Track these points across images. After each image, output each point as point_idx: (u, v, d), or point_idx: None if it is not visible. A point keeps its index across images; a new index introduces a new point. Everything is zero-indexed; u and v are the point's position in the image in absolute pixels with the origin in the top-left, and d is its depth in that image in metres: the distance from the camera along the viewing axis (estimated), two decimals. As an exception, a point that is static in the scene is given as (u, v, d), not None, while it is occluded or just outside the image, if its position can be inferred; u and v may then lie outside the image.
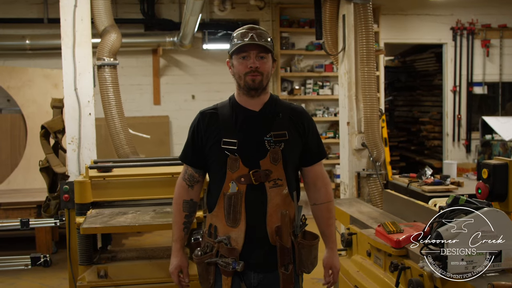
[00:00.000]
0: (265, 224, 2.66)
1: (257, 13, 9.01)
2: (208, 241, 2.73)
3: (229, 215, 2.66)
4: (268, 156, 2.64)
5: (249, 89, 2.67)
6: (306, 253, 2.75)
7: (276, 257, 2.67)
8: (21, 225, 4.86)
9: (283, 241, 2.66)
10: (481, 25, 9.66)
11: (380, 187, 5.25)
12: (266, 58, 2.67)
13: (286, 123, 2.73)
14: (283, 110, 2.76)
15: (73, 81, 5.03)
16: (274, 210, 2.65)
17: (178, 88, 9.06)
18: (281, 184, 2.66)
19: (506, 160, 3.05)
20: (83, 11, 5.06)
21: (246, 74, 2.64)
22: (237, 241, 2.65)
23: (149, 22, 8.81)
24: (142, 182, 4.33)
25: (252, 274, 2.69)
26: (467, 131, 9.79)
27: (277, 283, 2.69)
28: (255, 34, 2.64)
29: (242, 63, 2.65)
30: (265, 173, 2.63)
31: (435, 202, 3.93)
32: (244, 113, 2.72)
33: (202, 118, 2.75)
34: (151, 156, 6.12)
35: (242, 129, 2.69)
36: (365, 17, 5.27)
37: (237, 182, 2.63)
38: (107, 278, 4.04)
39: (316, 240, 2.80)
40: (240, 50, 2.65)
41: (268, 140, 2.66)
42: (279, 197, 2.66)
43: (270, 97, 2.79)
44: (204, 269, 2.72)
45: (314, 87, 9.12)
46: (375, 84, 5.39)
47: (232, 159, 2.63)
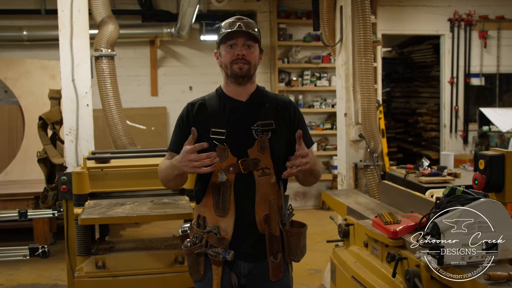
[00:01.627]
0: (253, 213, 2.68)
1: (254, 4, 9.01)
2: (197, 232, 2.74)
3: (218, 205, 2.68)
4: (256, 145, 2.66)
5: (236, 76, 2.68)
6: (294, 241, 2.78)
7: (265, 245, 2.69)
8: (19, 216, 4.86)
9: (272, 229, 2.69)
10: (479, 16, 9.66)
11: (377, 178, 5.26)
12: (253, 47, 2.69)
13: (273, 113, 2.75)
14: (270, 101, 2.79)
15: (71, 72, 5.03)
16: (262, 199, 2.67)
17: (175, 80, 9.06)
18: (269, 173, 2.68)
19: (503, 151, 3.06)
20: (80, 2, 5.05)
21: (232, 62, 2.65)
22: (226, 231, 2.67)
23: (147, 13, 8.80)
24: (140, 173, 4.34)
25: (242, 263, 2.70)
26: (465, 123, 9.81)
27: (267, 271, 2.72)
28: (243, 23, 2.66)
29: (229, 52, 2.66)
30: (253, 161, 2.65)
31: (432, 193, 3.94)
32: (231, 103, 2.74)
33: (191, 109, 2.76)
34: (149, 147, 6.12)
35: (230, 119, 2.71)
36: (362, 8, 5.26)
37: (225, 172, 2.65)
38: (105, 268, 4.05)
39: (304, 228, 2.84)
40: (227, 38, 2.66)
41: (255, 129, 2.68)
42: (267, 186, 2.68)
43: (257, 88, 2.81)
44: (194, 260, 2.72)
45: (311, 79, 9.13)
46: (372, 75, 5.38)
47: (220, 149, 2.64)
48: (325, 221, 7.71)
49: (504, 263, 2.48)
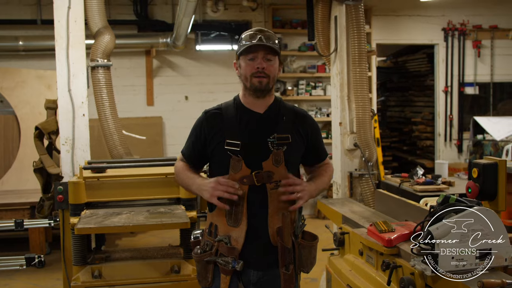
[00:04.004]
0: (266, 225, 2.69)
1: (249, 14, 9.04)
2: (208, 240, 2.76)
3: (231, 215, 2.69)
4: (271, 158, 2.67)
5: (255, 90, 2.69)
6: (306, 253, 2.81)
7: (276, 256, 2.70)
8: (15, 225, 4.86)
9: (284, 242, 2.69)
10: (472, 26, 9.73)
11: (372, 187, 5.28)
12: (273, 60, 2.70)
13: (290, 126, 2.76)
14: (287, 113, 2.79)
15: (67, 82, 5.05)
16: (275, 211, 2.68)
17: (171, 89, 9.08)
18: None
19: (496, 160, 3.08)
20: (76, 13, 5.08)
21: (252, 75, 2.67)
22: (237, 241, 2.68)
23: (142, 23, 8.82)
24: (136, 182, 4.36)
25: (251, 272, 2.72)
26: (459, 131, 9.85)
27: (276, 281, 2.73)
28: (264, 36, 2.67)
29: (249, 64, 2.68)
30: (267, 174, 2.66)
31: (426, 202, 3.95)
32: (248, 115, 2.75)
33: (206, 118, 2.77)
34: (145, 156, 6.13)
35: (246, 130, 2.71)
36: (356, 18, 5.30)
37: (239, 183, 2.65)
38: (101, 278, 4.06)
39: (316, 240, 2.86)
40: (247, 51, 2.67)
41: (272, 141, 2.69)
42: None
43: (275, 100, 2.82)
44: (203, 267, 2.74)
45: (306, 88, 9.16)
46: (367, 84, 5.42)
47: (235, 160, 2.65)
48: (320, 229, 7.57)
49: (498, 271, 2.50)
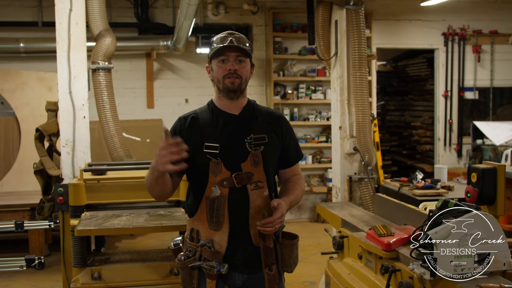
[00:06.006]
0: (248, 226, 2.70)
1: (250, 17, 9.07)
2: (190, 246, 2.75)
3: (212, 219, 2.69)
4: (249, 159, 2.69)
5: (228, 91, 2.70)
6: (288, 252, 2.82)
7: (259, 257, 2.72)
8: (15, 227, 4.86)
9: (266, 242, 2.72)
10: (472, 31, 9.74)
11: (372, 191, 5.29)
12: (245, 62, 2.72)
13: (265, 127, 2.78)
14: (261, 114, 2.82)
15: (68, 84, 5.06)
16: (256, 212, 2.70)
17: (171, 92, 9.09)
18: (262, 186, 2.71)
19: (495, 165, 3.10)
20: (78, 15, 5.09)
21: (225, 77, 2.69)
22: (220, 244, 2.68)
23: (143, 26, 8.83)
24: (136, 184, 4.36)
25: (236, 275, 2.73)
26: (458, 136, 9.86)
27: (260, 283, 2.74)
28: (234, 38, 2.69)
29: (221, 67, 2.70)
30: (247, 175, 2.68)
31: (425, 206, 3.98)
32: (224, 117, 2.76)
33: (182, 124, 2.77)
34: (145, 159, 6.14)
35: (223, 132, 2.73)
36: (357, 22, 5.32)
37: (219, 186, 2.67)
38: (100, 280, 4.06)
39: (296, 239, 2.87)
40: (219, 53, 2.69)
41: (249, 142, 2.71)
42: (261, 199, 2.71)
43: (248, 101, 2.84)
44: (187, 273, 2.73)
45: (306, 92, 9.17)
46: (367, 88, 5.44)
47: (214, 163, 2.66)
48: (319, 233, 7.73)
49: (497, 275, 2.51)
